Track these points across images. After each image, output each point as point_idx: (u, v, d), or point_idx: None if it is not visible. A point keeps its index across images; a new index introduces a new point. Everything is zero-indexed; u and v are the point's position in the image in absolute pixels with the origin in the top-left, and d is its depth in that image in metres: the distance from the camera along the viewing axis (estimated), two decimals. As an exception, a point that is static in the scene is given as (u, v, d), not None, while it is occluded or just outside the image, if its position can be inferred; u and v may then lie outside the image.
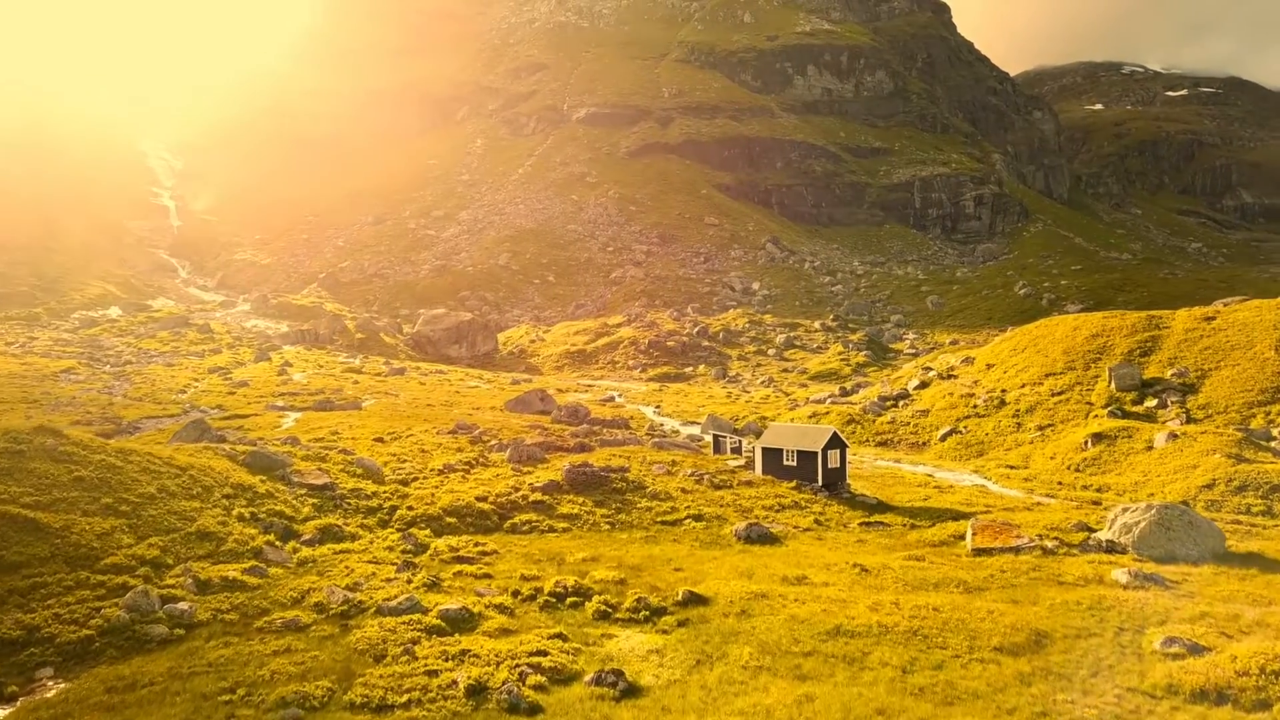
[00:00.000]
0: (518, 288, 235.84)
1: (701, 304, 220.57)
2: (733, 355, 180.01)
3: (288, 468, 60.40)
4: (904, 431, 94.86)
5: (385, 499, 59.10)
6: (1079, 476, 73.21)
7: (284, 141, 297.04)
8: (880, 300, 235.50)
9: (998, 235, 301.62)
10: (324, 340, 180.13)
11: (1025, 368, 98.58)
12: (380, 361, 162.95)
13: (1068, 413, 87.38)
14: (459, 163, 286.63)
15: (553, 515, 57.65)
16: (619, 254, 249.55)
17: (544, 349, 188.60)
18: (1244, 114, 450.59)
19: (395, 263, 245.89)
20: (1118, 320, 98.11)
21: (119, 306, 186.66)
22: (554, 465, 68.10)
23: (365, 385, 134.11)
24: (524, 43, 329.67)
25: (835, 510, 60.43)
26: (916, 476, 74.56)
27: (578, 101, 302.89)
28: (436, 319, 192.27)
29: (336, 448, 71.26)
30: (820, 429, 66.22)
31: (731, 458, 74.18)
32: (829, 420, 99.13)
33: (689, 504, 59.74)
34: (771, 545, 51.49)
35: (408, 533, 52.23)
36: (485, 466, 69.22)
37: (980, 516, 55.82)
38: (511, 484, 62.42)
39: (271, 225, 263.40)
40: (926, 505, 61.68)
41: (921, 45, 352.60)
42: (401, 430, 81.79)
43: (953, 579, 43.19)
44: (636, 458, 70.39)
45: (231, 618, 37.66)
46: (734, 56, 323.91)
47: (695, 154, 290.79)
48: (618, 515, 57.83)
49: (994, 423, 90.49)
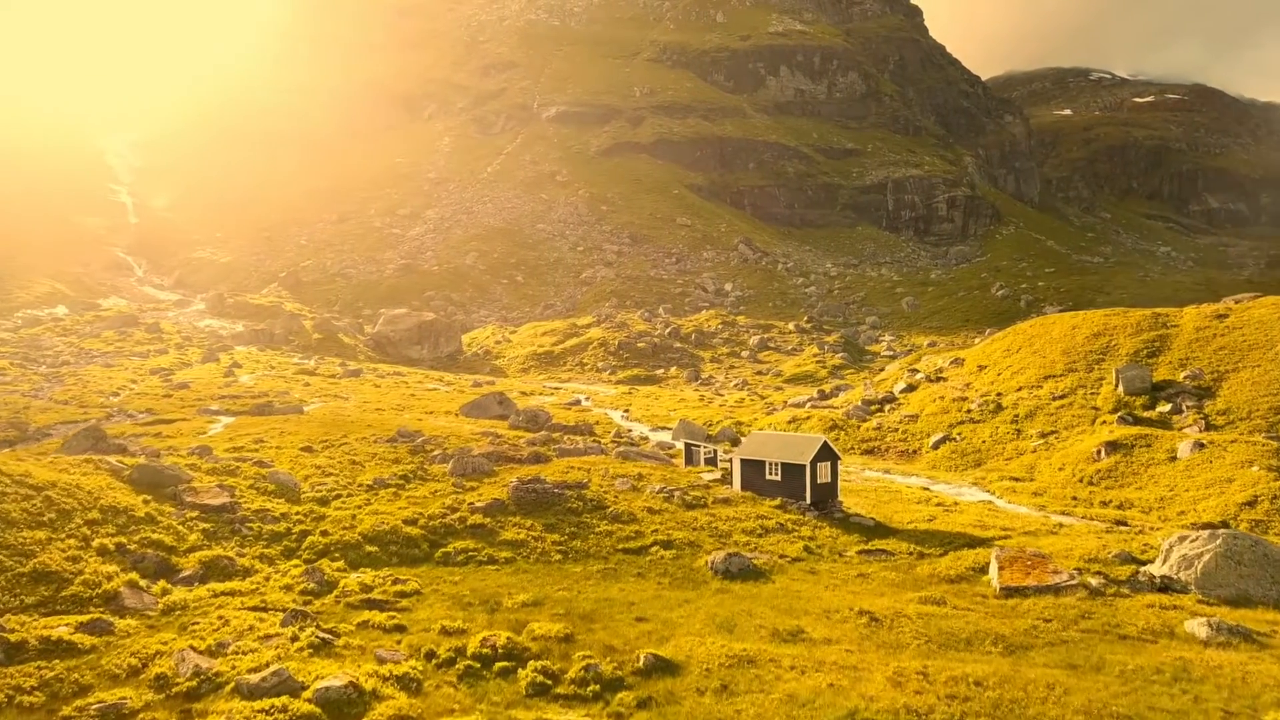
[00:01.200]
0: (485, 287, 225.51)
1: (673, 305, 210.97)
2: (705, 357, 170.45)
3: (182, 484, 50.02)
4: (892, 438, 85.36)
5: (296, 522, 48.82)
6: (1094, 491, 63.84)
7: (247, 138, 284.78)
8: (854, 302, 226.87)
9: (970, 238, 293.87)
10: (279, 341, 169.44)
11: (1021, 369, 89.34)
12: (336, 363, 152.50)
13: (1072, 418, 78.10)
14: (426, 161, 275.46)
15: (494, 542, 47.54)
16: (589, 254, 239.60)
17: (510, 350, 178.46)
18: (1209, 121, 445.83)
19: (359, 262, 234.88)
20: (1120, 318, 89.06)
21: (66, 305, 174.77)
22: (502, 480, 58.06)
23: (316, 388, 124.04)
24: (494, 40, 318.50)
25: (828, 534, 50.64)
26: (913, 491, 64.94)
27: (548, 100, 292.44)
28: (397, 319, 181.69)
29: (254, 459, 60.94)
30: (808, 438, 56.39)
31: (706, 470, 64.24)
32: (810, 426, 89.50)
33: (657, 527, 49.79)
34: (755, 581, 41.61)
35: (313, 566, 41.98)
36: (423, 481, 59.05)
37: (999, 543, 46.27)
38: (449, 503, 52.29)
39: (232, 223, 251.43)
40: (932, 528, 52.00)
41: (894, 48, 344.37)
42: (336, 438, 71.40)
43: (986, 632, 33.45)
44: (598, 470, 60.39)
45: (34, 700, 27.30)
46: (706, 56, 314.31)
47: (667, 154, 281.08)
48: (571, 542, 47.78)
49: (991, 429, 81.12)
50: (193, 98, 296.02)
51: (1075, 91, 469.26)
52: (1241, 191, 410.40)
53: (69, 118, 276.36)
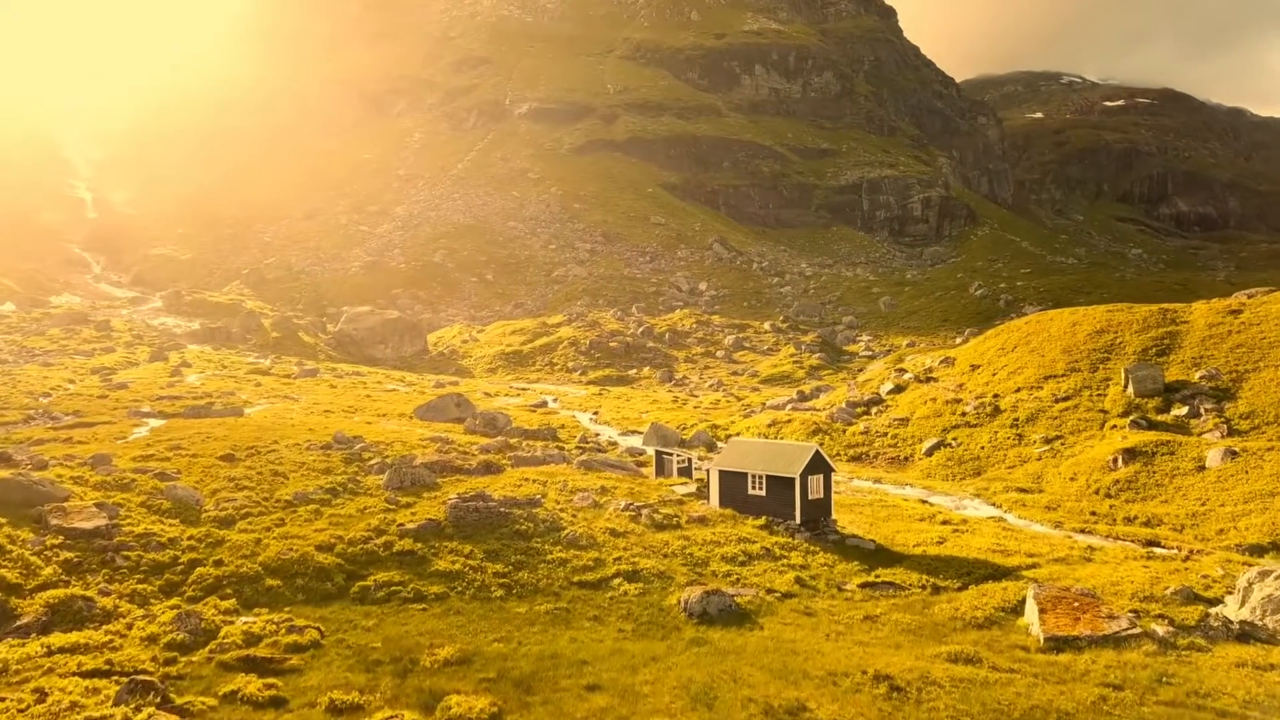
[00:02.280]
0: (454, 286, 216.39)
1: (647, 304, 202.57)
2: (679, 357, 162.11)
3: (52, 503, 41.01)
4: (881, 444, 77.16)
5: (187, 548, 39.94)
6: (1115, 505, 55.79)
7: (212, 133, 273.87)
8: (830, 302, 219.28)
9: (945, 239, 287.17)
10: (236, 340, 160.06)
11: (1018, 369, 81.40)
12: (293, 362, 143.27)
13: (1078, 422, 70.17)
14: (395, 157, 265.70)
15: (424, 573, 38.82)
16: (561, 252, 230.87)
17: (476, 350, 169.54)
18: (1178, 125, 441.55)
19: (325, 259, 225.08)
20: (1124, 314, 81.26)
21: (14, 302, 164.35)
22: (445, 494, 49.36)
23: (267, 388, 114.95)
24: (465, 36, 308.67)
25: (823, 561, 42.18)
26: (912, 505, 56.64)
27: (520, 97, 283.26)
28: (360, 317, 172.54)
29: (158, 470, 51.96)
30: (797, 447, 47.99)
31: (679, 482, 55.66)
32: (791, 429, 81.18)
33: (620, 554, 41.20)
34: (740, 628, 33.11)
35: (189, 611, 33.09)
36: (353, 495, 50.21)
37: (1028, 573, 38.08)
38: (376, 523, 43.52)
39: (195, 219, 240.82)
40: (944, 553, 43.68)
41: (868, 48, 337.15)
42: (266, 444, 62.40)
43: (1044, 709, 25.09)
44: (556, 483, 51.78)
45: None
46: (681, 54, 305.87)
47: (641, 152, 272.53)
48: (517, 573, 39.08)
49: (989, 434, 73.07)
50: (157, 91, 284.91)
51: (1046, 95, 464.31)
52: (1210, 195, 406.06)
53: (25, 110, 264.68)
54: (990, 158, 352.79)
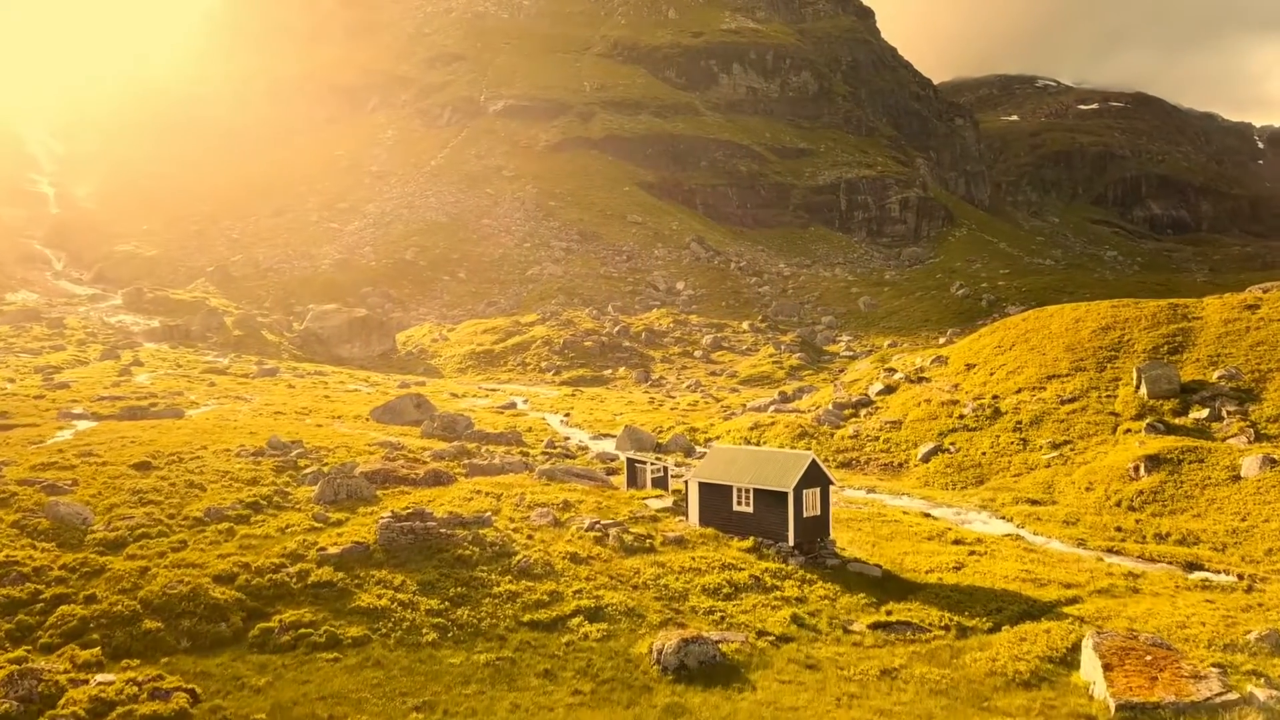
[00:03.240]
0: (426, 284, 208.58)
1: (623, 303, 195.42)
2: (656, 357, 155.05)
3: (-106, 526, 33.46)
4: (873, 449, 70.25)
5: (54, 580, 32.48)
6: (1141, 519, 49.07)
7: (180, 128, 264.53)
8: (809, 302, 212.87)
9: (923, 239, 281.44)
10: (196, 338, 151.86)
11: (1017, 369, 74.72)
12: (253, 361, 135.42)
13: (1088, 426, 63.51)
14: (368, 154, 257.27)
15: (343, 610, 31.50)
16: (536, 250, 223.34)
17: (447, 349, 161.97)
18: (1151, 128, 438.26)
19: (294, 257, 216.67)
20: (1132, 310, 74.74)
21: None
22: (385, 509, 42.03)
23: (221, 388, 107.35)
24: (440, 32, 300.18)
25: (823, 592, 35.09)
26: (915, 519, 49.66)
27: (495, 93, 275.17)
28: (326, 315, 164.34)
29: (50, 482, 44.37)
30: (790, 455, 40.88)
31: (654, 494, 48.43)
32: (775, 433, 74.17)
33: (582, 584, 34.01)
34: (726, 689, 25.99)
35: (25, 670, 25.62)
36: (278, 510, 42.82)
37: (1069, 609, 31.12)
38: (294, 547, 36.15)
39: (160, 215, 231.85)
40: (963, 581, 36.72)
41: (846, 48, 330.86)
42: (193, 450, 54.92)
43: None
44: (512, 496, 44.51)
45: None
46: (658, 52, 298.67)
47: (618, 150, 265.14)
48: (456, 610, 31.81)
49: (990, 438, 66.31)
50: (125, 85, 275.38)
51: (1021, 98, 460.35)
52: (1183, 199, 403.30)
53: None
54: (967, 159, 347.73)
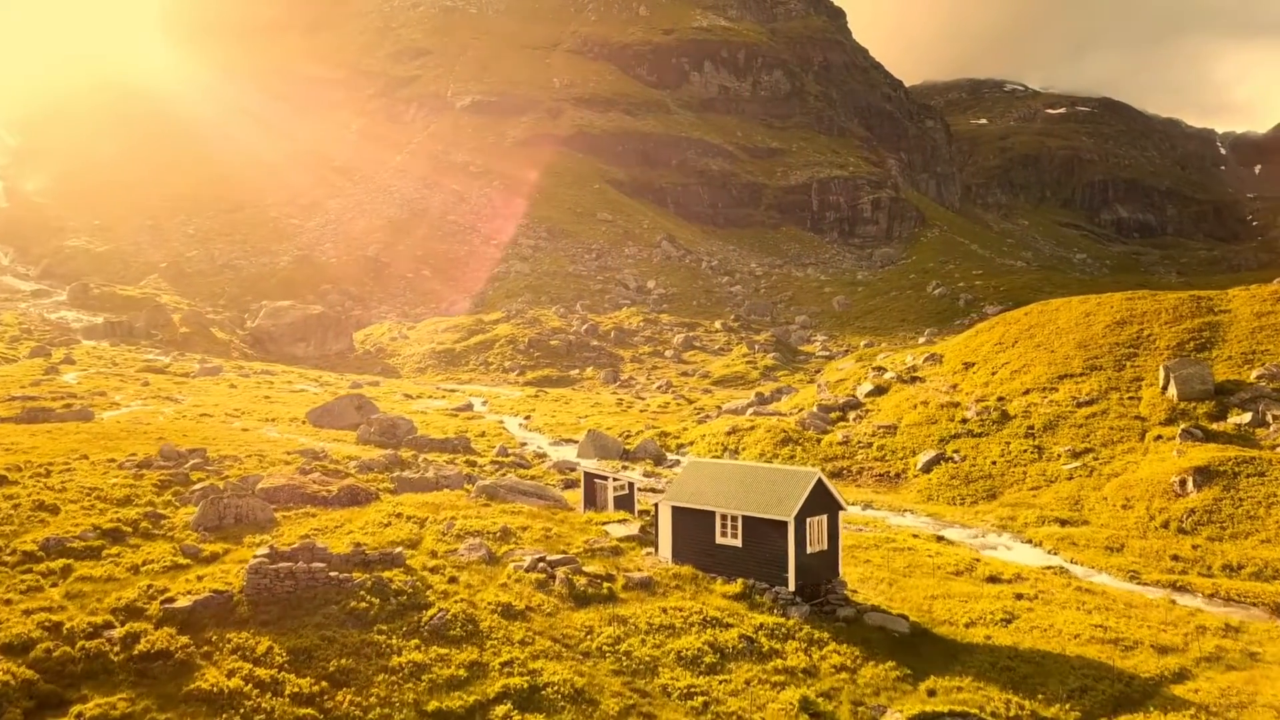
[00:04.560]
0: (388, 282, 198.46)
1: (592, 301, 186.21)
2: (626, 356, 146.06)
3: None
4: (865, 456, 61.49)
5: None
6: (1200, 546, 40.78)
7: (139, 122, 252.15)
8: (782, 301, 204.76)
9: (895, 240, 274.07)
10: (139, 335, 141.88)
11: (1023, 367, 66.25)
12: (196, 359, 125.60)
13: (1111, 432, 55.11)
14: (330, 149, 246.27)
15: (175, 697, 22.33)
16: (503, 248, 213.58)
17: (406, 348, 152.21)
18: (1117, 133, 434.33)
19: (252, 253, 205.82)
20: (1149, 302, 66.53)
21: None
22: (281, 537, 32.67)
23: (155, 388, 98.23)
24: (407, 26, 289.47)
25: (837, 660, 26.22)
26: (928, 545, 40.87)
27: (463, 89, 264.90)
28: (280, 312, 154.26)
29: None
30: (788, 474, 31.78)
31: (617, 517, 39.11)
32: (756, 439, 65.18)
33: (515, 652, 24.93)
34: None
35: None
36: (144, 540, 33.47)
37: (1174, 689, 22.51)
38: (135, 595, 26.66)
39: (114, 210, 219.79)
40: (1020, 643, 28.09)
41: (818, 49, 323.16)
42: (69, 460, 45.25)
43: None
44: (440, 520, 35.23)
45: None
46: (629, 49, 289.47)
47: (587, 147, 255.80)
48: (334, 695, 22.72)
49: (999, 445, 57.77)
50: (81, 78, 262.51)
51: (990, 102, 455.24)
52: (1149, 203, 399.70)
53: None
54: (938, 161, 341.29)
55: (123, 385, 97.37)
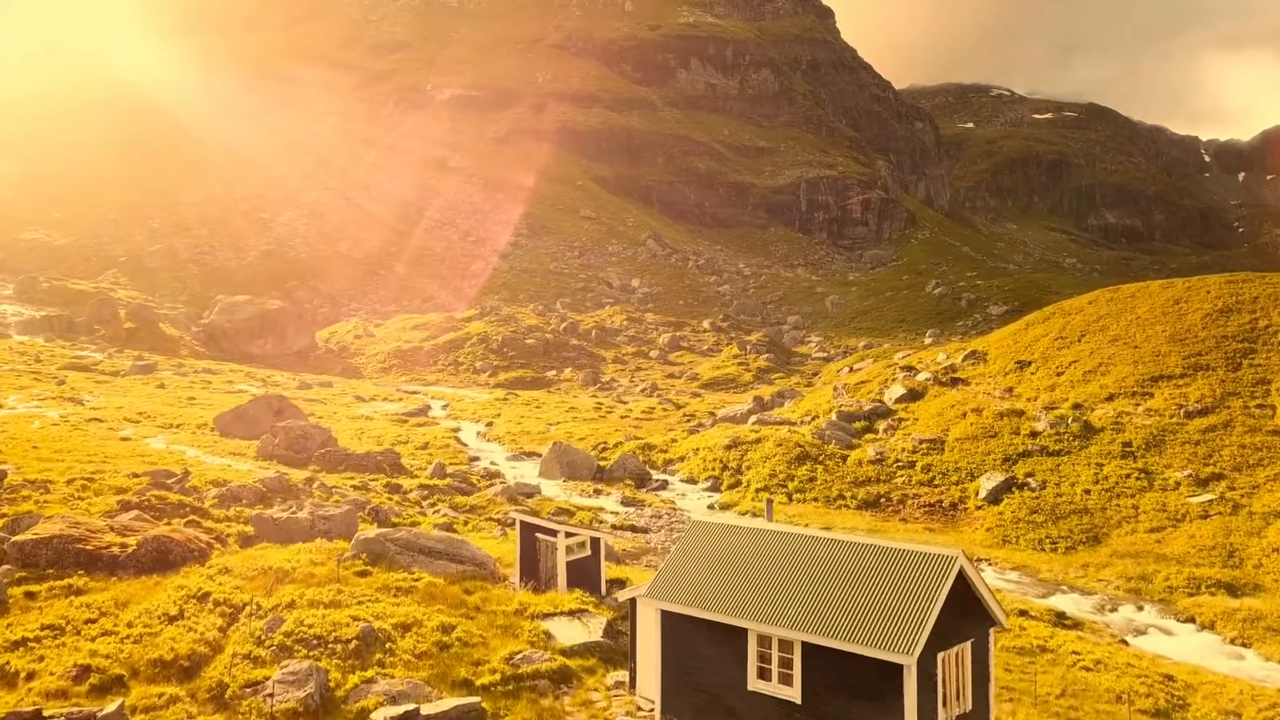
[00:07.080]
0: (359, 279, 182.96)
1: (574, 300, 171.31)
2: (608, 357, 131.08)
3: None
4: (907, 480, 46.35)
5: None
6: None
7: (110, 113, 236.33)
8: (772, 301, 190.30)
9: (884, 241, 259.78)
10: (81, 330, 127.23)
11: (1098, 367, 51.35)
12: (132, 356, 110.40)
13: (1242, 451, 40.43)
14: (305, 142, 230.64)
15: None
16: (482, 245, 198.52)
17: (371, 346, 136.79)
18: (1104, 138, 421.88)
19: (218, 248, 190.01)
20: (1259, 286, 51.82)
21: None
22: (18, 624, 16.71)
23: (69, 387, 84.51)
24: (386, 19, 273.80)
25: None
26: (1062, 638, 25.24)
27: (443, 83, 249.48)
28: (235, 308, 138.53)
29: None
30: (897, 556, 16.02)
31: (568, 603, 23.30)
32: (763, 453, 49.93)
33: None
34: None
35: None
36: None
37: None
38: None
39: (76, 202, 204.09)
40: None
41: (806, 48, 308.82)
42: None
43: None
44: (265, 612, 19.62)
45: None
46: (614, 45, 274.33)
47: (570, 144, 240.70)
48: None
49: (1088, 468, 42.88)
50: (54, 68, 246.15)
51: (977, 106, 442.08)
52: (1137, 208, 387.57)
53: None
54: (927, 163, 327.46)
55: (33, 384, 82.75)
